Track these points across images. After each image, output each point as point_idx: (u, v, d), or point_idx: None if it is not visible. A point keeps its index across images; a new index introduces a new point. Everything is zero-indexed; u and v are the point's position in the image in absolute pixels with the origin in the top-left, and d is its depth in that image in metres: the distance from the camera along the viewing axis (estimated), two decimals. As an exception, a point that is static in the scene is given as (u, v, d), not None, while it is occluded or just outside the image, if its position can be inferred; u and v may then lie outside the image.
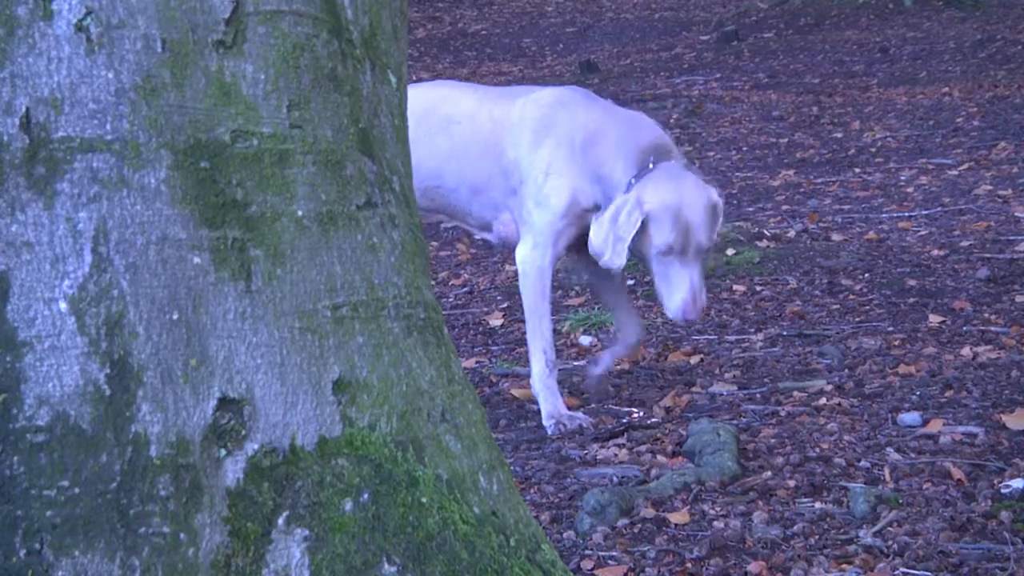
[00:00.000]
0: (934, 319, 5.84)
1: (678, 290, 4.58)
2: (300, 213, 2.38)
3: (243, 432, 2.31)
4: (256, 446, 2.31)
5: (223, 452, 2.29)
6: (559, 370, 5.04)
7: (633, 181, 4.64)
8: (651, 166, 4.63)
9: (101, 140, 2.25)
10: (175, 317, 2.27)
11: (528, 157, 4.84)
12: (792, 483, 4.06)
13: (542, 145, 4.82)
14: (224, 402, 2.30)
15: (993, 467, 4.09)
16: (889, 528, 3.70)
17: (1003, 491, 3.89)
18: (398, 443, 2.42)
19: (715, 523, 3.81)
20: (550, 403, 4.85)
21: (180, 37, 2.29)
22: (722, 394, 5.06)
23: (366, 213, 2.47)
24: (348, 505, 2.35)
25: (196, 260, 2.29)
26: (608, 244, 4.60)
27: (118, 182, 2.25)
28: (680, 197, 4.55)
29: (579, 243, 4.87)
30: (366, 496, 2.37)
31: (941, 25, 15.97)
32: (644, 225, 4.55)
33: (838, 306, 6.13)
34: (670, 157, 4.69)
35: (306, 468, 2.34)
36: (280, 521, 2.31)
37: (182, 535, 2.24)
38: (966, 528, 3.67)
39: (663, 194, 4.55)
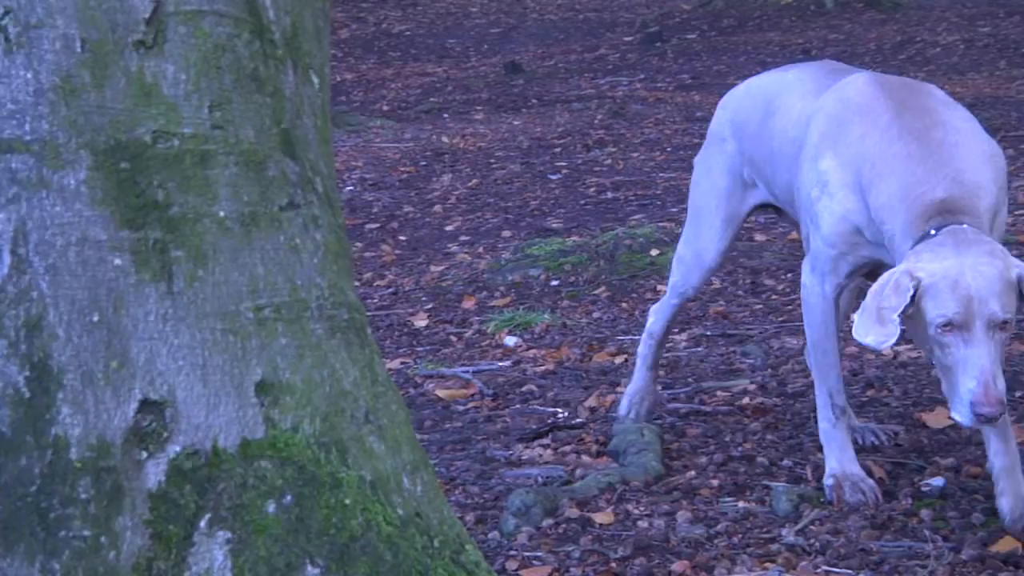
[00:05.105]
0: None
1: (965, 378, 3.44)
2: (222, 214, 2.37)
3: (164, 434, 2.29)
4: (178, 448, 2.30)
5: (144, 454, 2.28)
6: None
7: (909, 252, 3.68)
8: (932, 232, 3.62)
9: (20, 141, 2.23)
10: (95, 319, 2.26)
11: (808, 164, 4.00)
12: (716, 482, 4.08)
13: (824, 157, 3.95)
14: (145, 404, 2.28)
15: (914, 465, 4.13)
16: (811, 527, 3.73)
17: (923, 489, 3.93)
18: (321, 445, 2.41)
19: (639, 523, 3.82)
20: (835, 458, 3.98)
21: (100, 37, 2.27)
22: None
23: (289, 214, 2.46)
24: (271, 507, 2.34)
25: (117, 262, 2.28)
26: (872, 320, 3.63)
27: (37, 183, 2.23)
28: (961, 263, 3.50)
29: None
30: (289, 498, 2.36)
31: (862, 27, 16.10)
32: (918, 300, 3.54)
33: (761, 306, 6.16)
34: (961, 218, 3.63)
35: (228, 470, 2.33)
36: (202, 524, 2.30)
37: (103, 538, 2.23)
38: (887, 526, 3.70)
39: (940, 261, 3.53)
